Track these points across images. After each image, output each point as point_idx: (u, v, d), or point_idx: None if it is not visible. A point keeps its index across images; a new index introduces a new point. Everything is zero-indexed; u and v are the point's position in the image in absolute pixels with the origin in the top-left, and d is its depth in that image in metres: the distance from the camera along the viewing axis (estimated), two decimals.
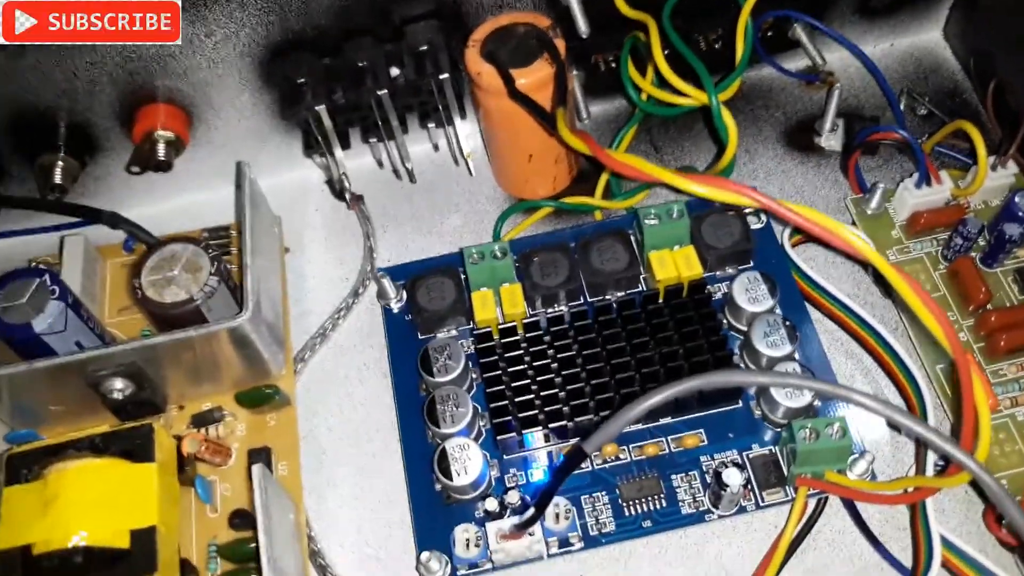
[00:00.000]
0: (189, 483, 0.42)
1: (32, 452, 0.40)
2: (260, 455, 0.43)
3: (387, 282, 0.47)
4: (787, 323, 0.43)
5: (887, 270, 0.36)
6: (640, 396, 0.34)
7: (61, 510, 0.38)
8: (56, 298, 0.42)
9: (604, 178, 0.51)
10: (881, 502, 0.41)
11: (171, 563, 0.39)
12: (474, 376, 0.45)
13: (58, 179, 0.48)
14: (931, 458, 0.40)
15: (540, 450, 0.43)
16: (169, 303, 0.42)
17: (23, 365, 0.41)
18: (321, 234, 0.53)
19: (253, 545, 0.40)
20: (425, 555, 0.40)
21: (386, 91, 0.47)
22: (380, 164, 0.52)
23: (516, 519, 0.40)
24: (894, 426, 0.43)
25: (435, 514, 0.42)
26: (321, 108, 0.47)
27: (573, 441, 0.43)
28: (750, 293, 0.44)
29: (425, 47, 0.47)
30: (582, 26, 0.46)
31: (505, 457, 0.43)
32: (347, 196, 0.51)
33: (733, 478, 0.39)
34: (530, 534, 0.40)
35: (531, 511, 0.38)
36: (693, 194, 0.34)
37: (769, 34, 0.53)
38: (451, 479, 0.40)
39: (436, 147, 0.53)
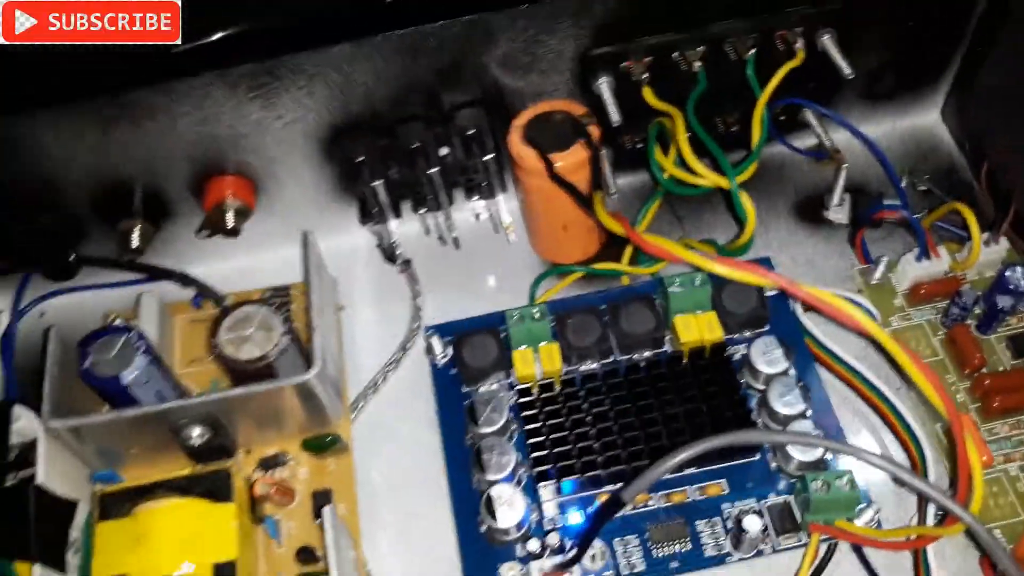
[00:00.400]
0: (258, 521, 0.47)
1: (123, 491, 0.45)
2: (323, 497, 0.48)
3: (435, 340, 0.52)
4: (800, 384, 0.48)
5: (888, 343, 0.40)
6: (668, 450, 0.39)
7: (152, 545, 0.43)
8: (141, 353, 0.47)
9: (631, 245, 0.56)
10: (886, 548, 0.45)
11: None
12: (514, 427, 0.49)
13: (136, 243, 0.53)
14: (932, 508, 0.44)
15: (576, 496, 0.47)
16: (245, 359, 0.46)
17: (113, 414, 0.45)
18: (371, 294, 0.57)
19: None
20: None
21: (436, 169, 0.52)
22: (427, 231, 0.57)
23: (557, 559, 0.44)
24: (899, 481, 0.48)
25: (481, 553, 0.46)
26: (378, 184, 0.52)
27: (606, 488, 0.47)
28: (766, 356, 0.49)
29: (471, 130, 0.52)
30: (614, 115, 0.51)
31: (543, 503, 0.47)
32: (398, 261, 0.56)
33: (753, 524, 0.44)
34: (569, 573, 0.44)
35: (573, 551, 0.42)
36: (720, 275, 0.38)
37: (782, 117, 0.58)
38: (497, 521, 0.45)
39: (478, 216, 0.58)
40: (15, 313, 0.57)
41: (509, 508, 0.45)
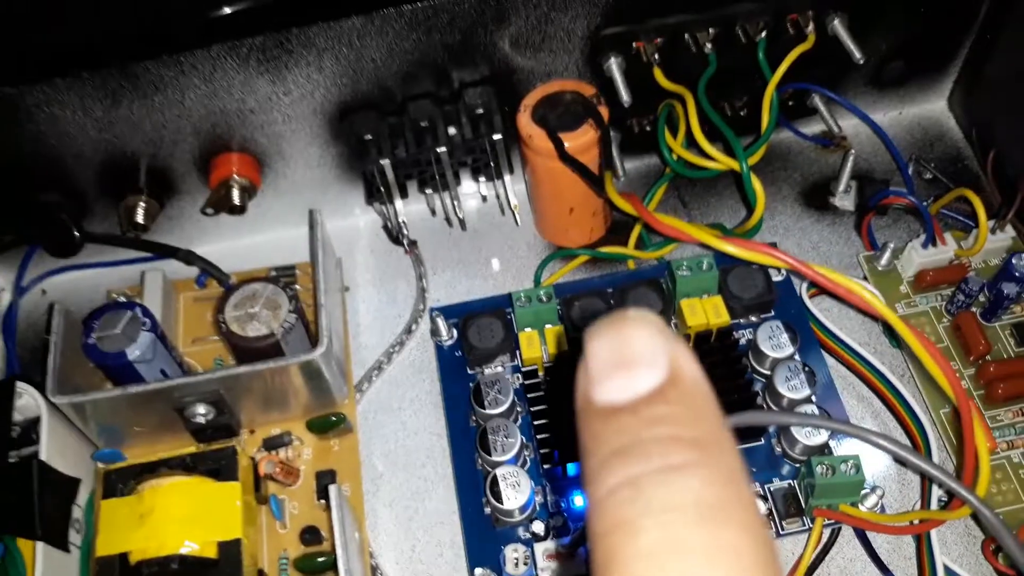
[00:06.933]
0: (263, 501, 0.47)
1: (127, 469, 0.45)
2: (327, 477, 0.48)
3: (441, 321, 0.52)
4: (806, 368, 0.48)
5: (898, 325, 0.40)
6: None
7: (156, 522, 0.42)
8: (147, 329, 0.46)
9: (637, 230, 0.56)
10: (890, 532, 0.45)
11: (251, 574, 0.43)
12: (519, 409, 0.49)
13: (140, 219, 0.53)
14: (935, 494, 0.45)
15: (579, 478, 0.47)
16: (251, 337, 0.46)
17: (118, 390, 0.45)
18: (375, 275, 0.57)
19: (322, 559, 0.45)
20: (479, 571, 0.44)
21: (444, 148, 0.52)
22: (433, 212, 0.57)
23: (563, 540, 0.44)
24: (902, 463, 0.48)
25: (485, 535, 0.46)
26: (386, 163, 0.51)
27: None
28: (772, 341, 0.49)
29: (480, 110, 0.52)
30: (624, 96, 0.51)
31: (548, 485, 0.47)
32: (404, 242, 0.56)
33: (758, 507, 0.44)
34: (576, 555, 0.44)
35: (580, 532, 0.42)
36: (733, 256, 0.38)
37: (790, 103, 0.58)
38: (502, 503, 0.45)
39: (484, 198, 0.58)
40: (17, 290, 0.57)
41: (514, 490, 0.45)
